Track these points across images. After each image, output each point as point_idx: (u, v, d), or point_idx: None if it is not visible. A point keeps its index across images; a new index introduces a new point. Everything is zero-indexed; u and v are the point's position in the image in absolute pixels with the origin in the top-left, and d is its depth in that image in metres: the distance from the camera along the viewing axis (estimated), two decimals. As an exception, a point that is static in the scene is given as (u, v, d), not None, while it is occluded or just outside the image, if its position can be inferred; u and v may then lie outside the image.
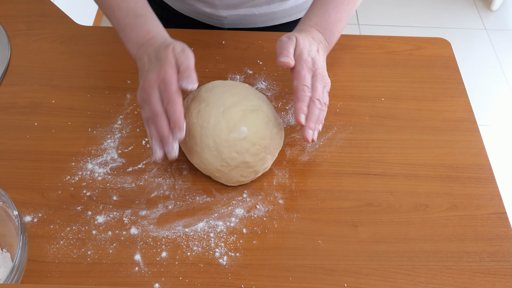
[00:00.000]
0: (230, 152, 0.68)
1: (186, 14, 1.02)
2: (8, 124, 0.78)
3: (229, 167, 0.69)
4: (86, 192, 0.71)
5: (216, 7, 0.95)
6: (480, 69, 2.33)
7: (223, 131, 0.68)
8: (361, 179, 0.74)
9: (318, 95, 0.70)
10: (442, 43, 0.94)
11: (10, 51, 0.88)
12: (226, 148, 0.68)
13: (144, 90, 0.68)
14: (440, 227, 0.70)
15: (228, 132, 0.68)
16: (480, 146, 0.79)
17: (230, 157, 0.68)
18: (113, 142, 0.77)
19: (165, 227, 0.68)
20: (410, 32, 2.40)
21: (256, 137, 0.69)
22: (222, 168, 0.69)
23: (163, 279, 0.63)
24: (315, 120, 0.69)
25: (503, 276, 0.65)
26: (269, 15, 0.98)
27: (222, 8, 0.95)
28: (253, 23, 0.99)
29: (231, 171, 0.69)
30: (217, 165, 0.69)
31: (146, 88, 0.68)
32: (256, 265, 0.65)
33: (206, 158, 0.69)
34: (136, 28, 0.75)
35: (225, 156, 0.68)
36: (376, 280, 0.65)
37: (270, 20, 1.00)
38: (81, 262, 0.64)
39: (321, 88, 0.71)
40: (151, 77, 0.68)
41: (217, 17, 0.97)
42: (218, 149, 0.68)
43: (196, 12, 0.99)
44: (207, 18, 0.99)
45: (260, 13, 0.97)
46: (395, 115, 0.82)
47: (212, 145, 0.68)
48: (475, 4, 2.66)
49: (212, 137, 0.68)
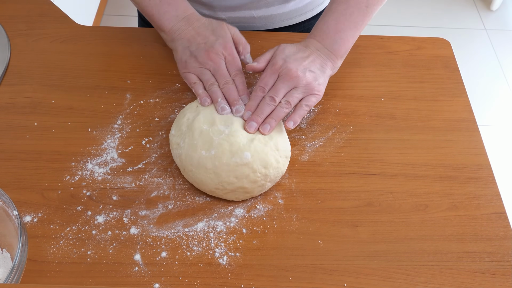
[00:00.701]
0: (228, 177, 0.68)
1: None
2: (8, 124, 0.78)
3: (225, 190, 0.68)
4: (86, 192, 0.71)
5: (214, 9, 0.95)
6: (480, 69, 2.33)
7: (224, 154, 0.68)
8: (361, 179, 0.74)
9: (273, 92, 0.74)
10: (442, 43, 0.94)
11: (10, 51, 0.88)
12: (225, 172, 0.67)
13: (211, 59, 0.76)
14: (440, 227, 0.70)
15: (230, 155, 0.68)
16: (480, 146, 0.79)
17: (228, 182, 0.68)
18: (113, 142, 0.77)
19: (165, 227, 0.68)
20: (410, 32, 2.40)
21: (258, 164, 0.68)
22: (217, 191, 0.69)
23: (163, 279, 0.63)
24: (261, 114, 0.72)
25: (503, 276, 0.65)
26: (269, 18, 0.98)
27: (221, 10, 0.95)
28: (252, 26, 0.98)
29: (226, 193, 0.69)
30: (212, 187, 0.68)
31: (214, 58, 0.76)
32: (256, 265, 0.65)
33: (201, 179, 0.68)
34: (174, 3, 0.81)
35: (223, 180, 0.68)
36: (376, 280, 0.65)
37: (270, 23, 0.99)
38: (81, 262, 0.64)
39: (282, 87, 0.74)
40: (217, 49, 0.77)
41: (216, 19, 0.97)
42: (216, 172, 0.67)
43: None
44: None
45: (259, 16, 0.97)
46: (395, 115, 0.82)
47: (210, 168, 0.68)
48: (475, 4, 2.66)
49: (212, 159, 0.68)
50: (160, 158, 0.75)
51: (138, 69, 0.86)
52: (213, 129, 0.70)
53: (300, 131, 0.79)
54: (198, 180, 0.69)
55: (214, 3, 0.93)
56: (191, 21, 0.81)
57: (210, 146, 0.68)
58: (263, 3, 0.94)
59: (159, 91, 0.83)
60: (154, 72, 0.86)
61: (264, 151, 0.69)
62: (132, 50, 0.89)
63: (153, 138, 0.77)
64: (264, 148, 0.69)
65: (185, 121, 0.73)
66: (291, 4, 0.97)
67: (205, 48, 0.77)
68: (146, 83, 0.84)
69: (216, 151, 0.68)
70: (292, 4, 0.97)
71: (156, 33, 0.92)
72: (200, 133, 0.70)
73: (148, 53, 0.89)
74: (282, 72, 0.74)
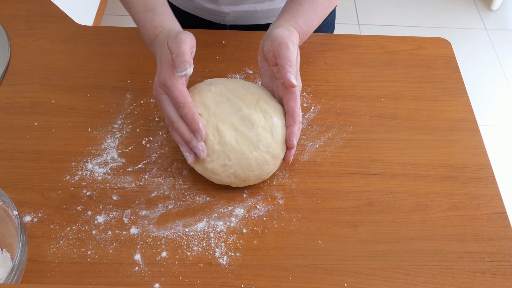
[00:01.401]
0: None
1: (188, 11, 1.02)
2: (8, 124, 0.78)
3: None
4: (86, 192, 0.71)
5: (218, 3, 0.95)
6: (480, 69, 2.33)
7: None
8: (361, 179, 0.74)
9: (300, 116, 0.71)
10: (442, 43, 0.94)
11: (10, 51, 0.88)
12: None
13: (155, 98, 0.70)
14: (440, 227, 0.70)
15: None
16: (480, 146, 0.79)
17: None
18: (113, 142, 0.77)
19: (165, 227, 0.68)
20: (410, 32, 2.40)
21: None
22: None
23: (163, 279, 0.63)
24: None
25: (503, 276, 0.65)
26: (272, 12, 0.98)
27: (225, 4, 0.95)
28: (255, 19, 0.99)
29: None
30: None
31: (156, 96, 0.69)
32: (256, 265, 0.65)
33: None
34: (146, 25, 0.74)
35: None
36: (376, 280, 0.65)
37: (273, 17, 0.99)
38: (81, 262, 0.64)
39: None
40: (155, 83, 0.69)
41: (219, 13, 0.97)
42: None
43: (198, 9, 0.99)
44: (209, 14, 0.99)
45: (263, 10, 0.97)
46: (395, 115, 0.82)
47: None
48: (475, 4, 2.66)
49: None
50: (160, 158, 0.75)
51: (138, 69, 0.86)
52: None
53: (301, 131, 0.79)
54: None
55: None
56: (156, 45, 0.73)
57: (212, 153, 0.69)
58: None
59: (159, 91, 0.83)
60: (154, 72, 0.86)
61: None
62: (132, 50, 0.89)
63: (153, 138, 0.77)
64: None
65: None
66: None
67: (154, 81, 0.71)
68: (146, 83, 0.84)
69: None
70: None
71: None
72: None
73: (148, 53, 0.89)
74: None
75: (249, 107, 0.71)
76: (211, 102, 0.71)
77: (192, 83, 0.84)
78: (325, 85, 0.86)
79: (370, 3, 2.62)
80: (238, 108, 0.71)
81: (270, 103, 0.73)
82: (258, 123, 0.70)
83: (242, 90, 0.73)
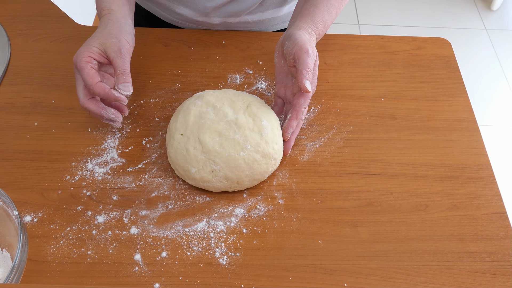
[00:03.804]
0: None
1: (175, 24, 1.00)
2: (8, 124, 0.78)
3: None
4: (86, 192, 0.71)
5: (209, 16, 0.93)
6: (480, 69, 2.33)
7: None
8: (361, 179, 0.74)
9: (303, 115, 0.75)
10: (442, 43, 0.94)
11: (10, 51, 0.88)
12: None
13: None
14: (440, 227, 0.70)
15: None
16: (481, 146, 0.79)
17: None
18: (113, 142, 0.77)
19: (165, 227, 0.68)
20: (410, 32, 2.40)
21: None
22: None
23: (163, 279, 0.63)
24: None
25: (503, 276, 0.65)
26: (263, 22, 0.97)
27: (216, 16, 0.93)
28: (245, 28, 0.97)
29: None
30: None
31: (75, 75, 0.74)
32: (256, 265, 0.65)
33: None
34: (97, 3, 0.80)
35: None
36: (376, 280, 0.65)
37: (264, 27, 0.99)
38: (81, 262, 0.64)
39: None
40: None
41: (210, 25, 0.95)
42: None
43: (187, 21, 0.96)
44: (198, 26, 0.96)
45: (254, 21, 0.96)
46: (395, 115, 0.82)
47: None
48: (475, 4, 2.66)
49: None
50: (160, 158, 0.75)
51: (138, 69, 0.86)
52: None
53: (300, 131, 0.79)
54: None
55: (209, 10, 0.91)
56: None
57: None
58: (258, 8, 0.93)
59: (159, 91, 0.83)
60: (154, 72, 0.86)
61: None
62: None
63: (153, 138, 0.77)
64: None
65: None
66: (285, 8, 0.97)
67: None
68: (146, 83, 0.84)
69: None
70: (286, 8, 0.97)
71: (156, 33, 0.92)
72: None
73: (148, 53, 0.89)
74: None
75: (237, 113, 0.72)
76: (193, 117, 0.72)
77: (192, 83, 0.85)
78: (325, 85, 0.86)
79: (370, 3, 2.62)
80: (224, 115, 0.71)
81: (261, 108, 0.74)
82: (246, 125, 0.71)
83: (233, 98, 0.75)
